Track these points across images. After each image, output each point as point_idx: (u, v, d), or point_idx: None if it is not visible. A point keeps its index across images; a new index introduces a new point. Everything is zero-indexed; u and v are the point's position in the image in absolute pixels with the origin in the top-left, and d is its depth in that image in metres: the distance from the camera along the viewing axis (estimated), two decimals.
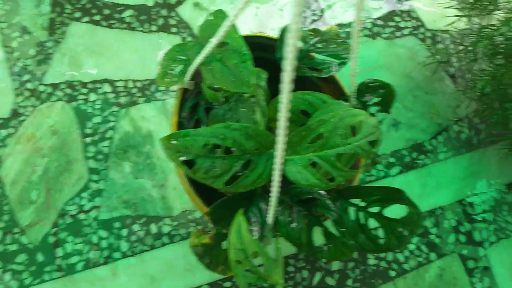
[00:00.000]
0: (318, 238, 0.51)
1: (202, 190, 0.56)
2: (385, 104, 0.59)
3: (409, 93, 0.83)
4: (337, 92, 0.62)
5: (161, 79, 0.54)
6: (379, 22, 0.88)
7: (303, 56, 0.58)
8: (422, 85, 0.83)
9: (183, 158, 0.43)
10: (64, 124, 0.77)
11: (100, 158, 0.75)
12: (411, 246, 0.74)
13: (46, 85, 0.80)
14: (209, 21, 0.52)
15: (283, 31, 0.58)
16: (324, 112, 0.49)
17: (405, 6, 0.89)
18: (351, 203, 0.55)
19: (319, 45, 0.59)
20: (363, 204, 0.54)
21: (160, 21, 0.86)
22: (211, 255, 0.51)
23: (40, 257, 0.70)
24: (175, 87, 0.73)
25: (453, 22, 0.77)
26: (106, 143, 0.76)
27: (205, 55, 0.42)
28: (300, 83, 0.57)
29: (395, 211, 0.52)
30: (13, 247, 0.70)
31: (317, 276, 0.72)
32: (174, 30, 0.85)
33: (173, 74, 0.53)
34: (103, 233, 0.71)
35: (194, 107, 0.57)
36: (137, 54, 0.82)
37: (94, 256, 0.70)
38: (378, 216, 0.54)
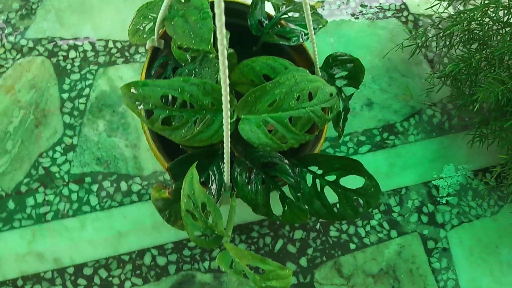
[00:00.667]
0: (278, 204, 0.53)
1: (169, 150, 0.58)
2: (354, 79, 0.60)
3: (385, 74, 0.84)
4: (308, 63, 0.63)
5: (132, 36, 0.55)
6: (364, 3, 0.89)
7: (274, 23, 0.59)
8: (399, 68, 0.85)
9: (141, 107, 0.45)
10: (43, 79, 0.78)
11: (75, 114, 0.77)
12: (373, 222, 0.76)
13: (28, 39, 0.81)
14: None
15: None
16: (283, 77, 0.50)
17: None
18: (310, 170, 0.56)
19: (290, 14, 0.60)
20: (320, 172, 0.56)
21: None
22: (171, 209, 0.53)
23: (11, 205, 0.72)
24: None
25: (432, 6, 0.78)
26: (82, 100, 0.77)
27: (165, 9, 0.44)
28: (273, 51, 0.58)
29: (354, 182, 0.53)
30: None
31: (279, 243, 0.74)
32: None
33: (143, 31, 0.54)
34: (73, 187, 0.73)
35: (163, 66, 0.58)
36: (119, 15, 0.83)
37: (64, 208, 0.72)
38: (334, 185, 0.56)
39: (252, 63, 0.52)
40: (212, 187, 0.54)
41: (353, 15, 0.87)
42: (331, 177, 0.55)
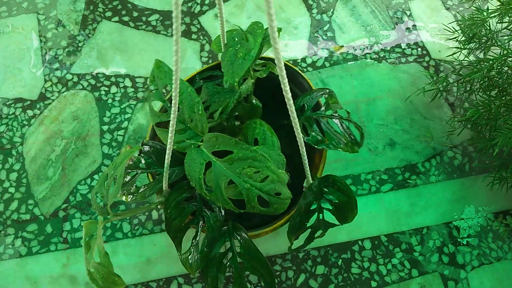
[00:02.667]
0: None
1: None
2: (341, 213, 0.58)
3: (407, 116, 0.87)
4: (316, 169, 0.64)
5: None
6: (386, 48, 0.93)
7: (313, 116, 0.61)
8: (420, 110, 0.88)
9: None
10: (85, 111, 0.84)
11: (114, 145, 0.82)
12: (394, 260, 0.78)
13: (73, 74, 0.87)
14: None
15: None
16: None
17: (412, 35, 0.95)
18: None
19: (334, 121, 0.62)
20: None
21: (183, 27, 0.93)
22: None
23: (49, 229, 0.76)
24: None
25: (454, 53, 0.82)
26: (121, 132, 0.83)
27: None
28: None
29: None
30: (26, 217, 0.77)
31: (301, 278, 0.76)
32: (194, 36, 0.92)
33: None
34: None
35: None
36: (158, 55, 0.89)
37: None
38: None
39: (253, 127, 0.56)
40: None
41: (376, 59, 0.92)
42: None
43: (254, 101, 0.58)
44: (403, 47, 0.93)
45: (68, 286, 0.74)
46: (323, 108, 0.61)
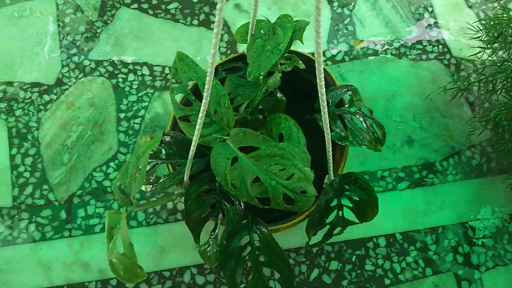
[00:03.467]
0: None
1: None
2: (361, 211, 0.58)
3: (426, 114, 0.86)
4: (338, 164, 0.63)
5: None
6: (407, 44, 0.92)
7: (337, 112, 0.61)
8: (440, 108, 0.87)
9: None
10: (102, 98, 0.84)
11: (130, 133, 0.81)
12: (409, 259, 0.77)
13: (90, 60, 0.87)
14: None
15: None
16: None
17: (433, 33, 0.93)
18: None
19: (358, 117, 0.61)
20: None
21: (202, 17, 0.92)
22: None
23: (63, 215, 0.76)
24: None
25: (477, 53, 0.80)
26: (137, 120, 0.82)
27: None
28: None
29: None
30: (41, 202, 0.77)
31: (315, 272, 0.76)
32: (213, 26, 0.91)
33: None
34: None
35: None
36: (177, 44, 0.89)
37: None
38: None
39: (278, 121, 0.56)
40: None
41: (396, 55, 0.91)
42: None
43: (278, 95, 0.57)
44: (424, 44, 0.92)
45: (81, 272, 0.74)
46: (347, 105, 0.60)
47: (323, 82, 0.37)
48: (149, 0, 0.92)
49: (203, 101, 0.39)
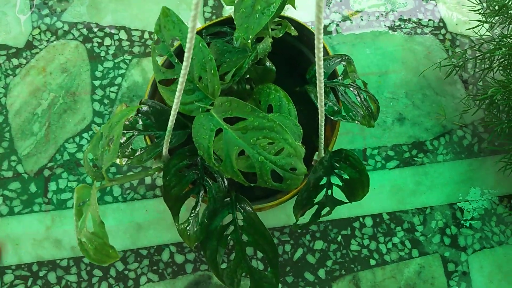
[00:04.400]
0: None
1: None
2: (350, 190, 0.55)
3: (419, 91, 0.83)
4: (330, 137, 0.59)
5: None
6: (402, 17, 0.88)
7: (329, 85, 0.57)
8: (433, 85, 0.84)
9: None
10: (76, 64, 0.77)
11: (106, 102, 0.76)
12: (395, 239, 0.75)
13: (63, 22, 0.80)
14: None
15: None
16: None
17: (430, 5, 0.89)
18: None
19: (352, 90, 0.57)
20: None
21: None
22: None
23: (32, 188, 0.71)
24: None
25: (475, 27, 0.77)
26: (114, 88, 0.76)
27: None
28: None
29: None
30: (8, 174, 0.71)
31: (299, 252, 0.73)
32: None
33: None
34: None
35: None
36: (158, 7, 0.82)
37: None
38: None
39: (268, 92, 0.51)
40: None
41: (391, 28, 0.86)
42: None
43: (267, 63, 0.53)
44: (419, 17, 0.88)
45: (52, 249, 0.69)
46: (340, 77, 0.56)
47: (322, 53, 0.32)
48: None
49: (184, 63, 0.34)
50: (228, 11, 0.83)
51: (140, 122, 0.52)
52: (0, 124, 0.74)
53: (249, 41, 0.44)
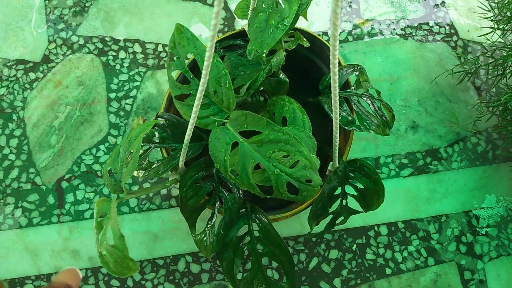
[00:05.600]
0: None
1: None
2: (365, 200, 0.55)
3: (432, 98, 0.83)
4: (344, 148, 0.60)
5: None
6: (413, 24, 0.88)
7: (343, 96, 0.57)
8: (446, 92, 0.83)
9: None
10: (91, 77, 0.79)
11: (121, 114, 0.77)
12: (411, 248, 0.75)
13: (79, 36, 0.81)
14: None
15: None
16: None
17: (440, 12, 0.89)
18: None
19: (365, 100, 0.57)
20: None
21: None
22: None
23: (51, 200, 0.72)
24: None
25: (486, 34, 0.77)
26: (129, 101, 0.78)
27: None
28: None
29: None
30: (27, 186, 0.73)
31: (314, 261, 0.73)
32: (209, 1, 0.86)
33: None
34: None
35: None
36: (170, 20, 0.84)
37: None
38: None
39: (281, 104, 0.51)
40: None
41: (402, 35, 0.87)
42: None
43: (281, 75, 0.53)
44: (430, 25, 0.88)
45: (70, 260, 0.70)
46: (353, 87, 0.57)
47: (337, 61, 0.33)
48: None
49: (202, 80, 0.35)
50: (240, 23, 0.85)
51: (157, 135, 0.53)
52: (19, 137, 0.76)
53: (264, 54, 0.45)
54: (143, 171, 0.53)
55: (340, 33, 0.86)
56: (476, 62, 0.78)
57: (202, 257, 0.71)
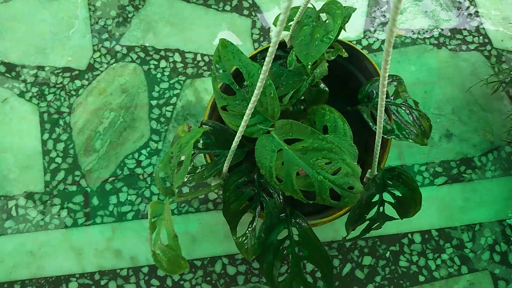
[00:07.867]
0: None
1: None
2: (403, 207, 0.56)
3: (466, 107, 0.83)
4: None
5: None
6: (447, 33, 0.89)
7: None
8: (480, 101, 0.84)
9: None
10: (134, 85, 0.83)
11: (162, 121, 0.80)
12: (444, 256, 0.75)
13: (122, 46, 0.85)
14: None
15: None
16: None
17: (474, 22, 0.90)
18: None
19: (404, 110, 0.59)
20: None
21: (234, 2, 0.90)
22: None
23: (95, 201, 0.76)
24: None
25: None
26: (169, 108, 0.81)
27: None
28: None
29: None
30: (73, 188, 0.77)
31: (347, 267, 0.74)
32: (246, 12, 0.89)
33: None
34: (155, 189, 0.76)
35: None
36: (209, 30, 0.87)
37: (144, 209, 0.75)
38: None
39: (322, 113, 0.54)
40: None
41: (435, 44, 0.88)
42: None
43: (321, 85, 0.55)
44: (464, 34, 0.89)
45: (113, 259, 0.74)
46: (392, 97, 0.58)
47: (387, 73, 0.34)
48: None
49: (255, 91, 0.37)
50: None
51: (201, 141, 0.56)
52: (65, 141, 0.80)
53: (309, 66, 0.47)
54: (188, 175, 0.55)
55: (374, 42, 0.88)
56: (511, 72, 0.78)
57: (238, 259, 0.74)
